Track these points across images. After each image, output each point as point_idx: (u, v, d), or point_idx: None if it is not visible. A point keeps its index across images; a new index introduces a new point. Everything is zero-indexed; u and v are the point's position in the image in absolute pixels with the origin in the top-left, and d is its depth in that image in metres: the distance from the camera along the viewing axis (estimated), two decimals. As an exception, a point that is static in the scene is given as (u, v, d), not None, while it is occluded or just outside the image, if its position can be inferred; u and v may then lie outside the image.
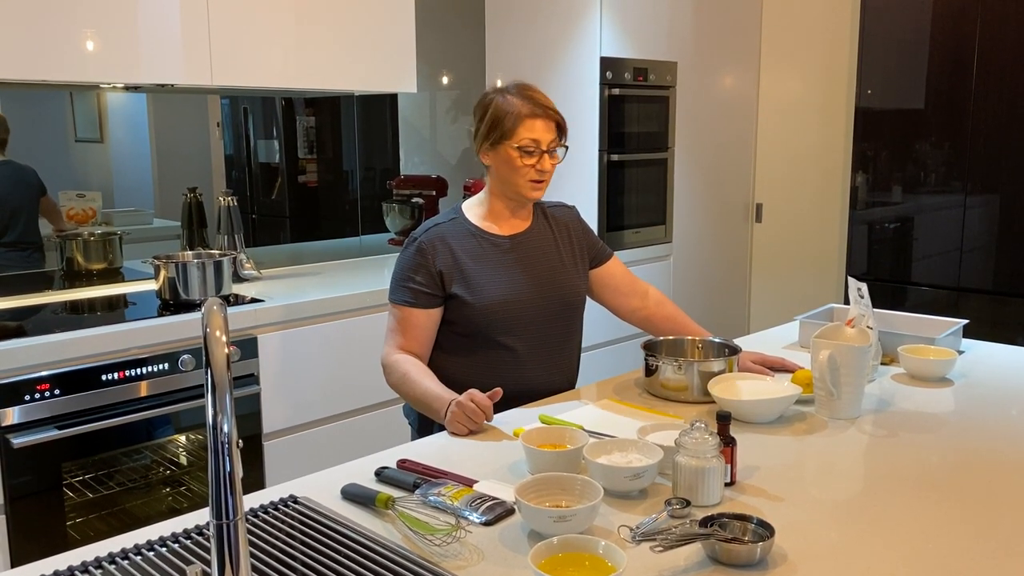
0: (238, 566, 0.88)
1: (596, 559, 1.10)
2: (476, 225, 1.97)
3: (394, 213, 3.70)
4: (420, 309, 1.91)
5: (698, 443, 1.33)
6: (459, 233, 1.95)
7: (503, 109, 1.90)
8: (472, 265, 1.92)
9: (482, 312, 1.89)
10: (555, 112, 1.92)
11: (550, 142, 1.91)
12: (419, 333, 1.92)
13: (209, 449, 0.87)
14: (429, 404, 1.79)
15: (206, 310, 0.90)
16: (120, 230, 2.95)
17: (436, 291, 1.91)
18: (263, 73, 2.75)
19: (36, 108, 2.75)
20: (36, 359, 2.11)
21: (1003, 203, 3.34)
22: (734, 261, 4.45)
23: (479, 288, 1.90)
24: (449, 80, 3.93)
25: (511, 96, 1.91)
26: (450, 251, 1.92)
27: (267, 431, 2.56)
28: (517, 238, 1.99)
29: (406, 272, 1.93)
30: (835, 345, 1.72)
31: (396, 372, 1.88)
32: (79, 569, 1.16)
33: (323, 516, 1.31)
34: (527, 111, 1.89)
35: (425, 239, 1.93)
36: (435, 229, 1.95)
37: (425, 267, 1.91)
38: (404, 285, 1.92)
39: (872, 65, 3.62)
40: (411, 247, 1.94)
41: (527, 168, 1.90)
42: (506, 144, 1.89)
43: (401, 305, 1.92)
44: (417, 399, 1.83)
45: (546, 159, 1.91)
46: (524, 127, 1.88)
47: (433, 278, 1.91)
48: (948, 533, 1.25)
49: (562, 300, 1.98)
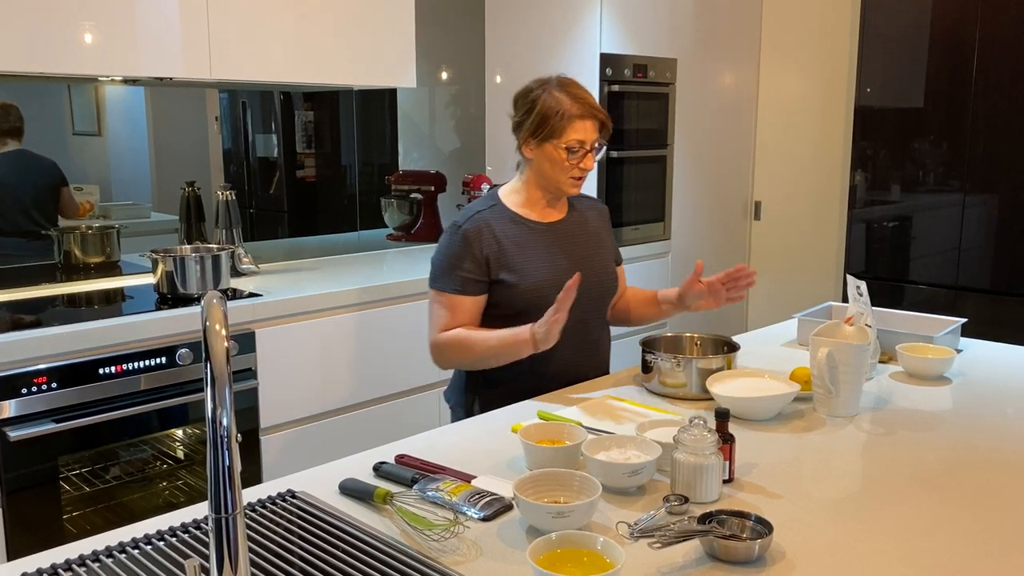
0: (237, 561, 0.88)
1: (594, 555, 1.10)
2: (515, 211, 2.00)
3: (392, 208, 3.69)
4: (468, 296, 1.93)
5: (697, 440, 1.33)
6: (500, 219, 1.98)
7: (552, 107, 1.91)
8: (515, 249, 1.95)
9: (526, 294, 1.92)
10: (601, 112, 1.96)
11: (594, 141, 1.94)
12: (466, 319, 1.94)
13: (208, 443, 0.87)
14: (509, 345, 1.83)
15: (206, 303, 0.90)
16: (118, 224, 2.94)
17: (483, 277, 1.93)
18: (262, 67, 2.74)
19: (34, 101, 2.74)
20: (33, 352, 2.11)
21: (1002, 202, 3.34)
22: (733, 258, 4.45)
23: (523, 271, 1.94)
24: (448, 75, 3.92)
25: (558, 93, 1.93)
26: (494, 237, 1.94)
27: (264, 425, 2.56)
28: (555, 225, 2.03)
29: (452, 260, 1.93)
30: (834, 343, 1.72)
31: (451, 345, 1.90)
32: (76, 563, 1.15)
33: (321, 511, 1.31)
34: (577, 112, 1.91)
35: (470, 226, 1.94)
36: (477, 216, 1.97)
37: (472, 254, 1.92)
38: (451, 273, 1.93)
39: (872, 63, 3.61)
40: (455, 235, 1.95)
41: (571, 166, 1.93)
42: (553, 142, 1.92)
43: (449, 293, 1.93)
44: (492, 350, 1.86)
45: (589, 157, 1.94)
46: (572, 128, 1.91)
47: (480, 264, 1.92)
48: (945, 530, 1.25)
49: (600, 285, 2.03)
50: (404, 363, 2.89)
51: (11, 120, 2.68)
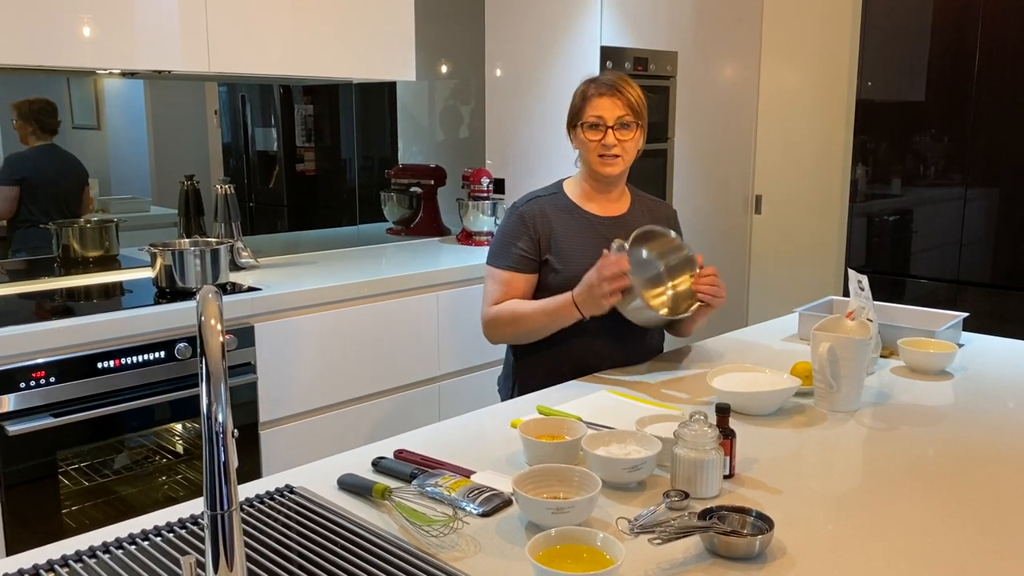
0: (232, 557, 0.87)
1: (594, 551, 1.10)
2: (574, 201, 2.10)
3: (392, 202, 3.68)
4: (521, 274, 2.04)
5: (697, 435, 1.33)
6: (557, 206, 2.09)
7: (578, 92, 2.06)
8: (563, 237, 2.05)
9: (569, 282, 1.97)
10: (623, 90, 2.01)
11: (617, 118, 2.00)
12: (518, 295, 2.05)
13: (204, 439, 0.86)
14: (556, 311, 1.94)
15: (201, 298, 0.89)
16: (117, 217, 2.93)
17: (535, 256, 2.05)
18: (261, 60, 2.73)
19: (33, 94, 2.73)
20: (32, 346, 2.10)
21: (1003, 196, 3.33)
22: (733, 252, 4.44)
23: (567, 259, 2.03)
24: (448, 68, 3.91)
25: (589, 81, 2.05)
26: (547, 221, 2.06)
27: (264, 420, 2.55)
28: (615, 219, 2.11)
29: (508, 239, 2.06)
30: (835, 337, 1.71)
31: (502, 316, 2.02)
32: (73, 558, 1.15)
33: (319, 506, 1.31)
34: (593, 90, 2.02)
35: (526, 209, 2.07)
36: (535, 201, 2.09)
37: (527, 234, 2.04)
38: (507, 251, 2.06)
39: (873, 56, 3.60)
40: (513, 216, 2.08)
41: (593, 143, 2.01)
42: (579, 125, 2.04)
43: (504, 269, 2.05)
44: (539, 317, 1.97)
45: (610, 134, 2.00)
46: (590, 105, 2.02)
47: (533, 243, 2.04)
48: (947, 526, 1.24)
49: None
50: (404, 357, 2.88)
51: (51, 116, 2.76)
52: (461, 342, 3.05)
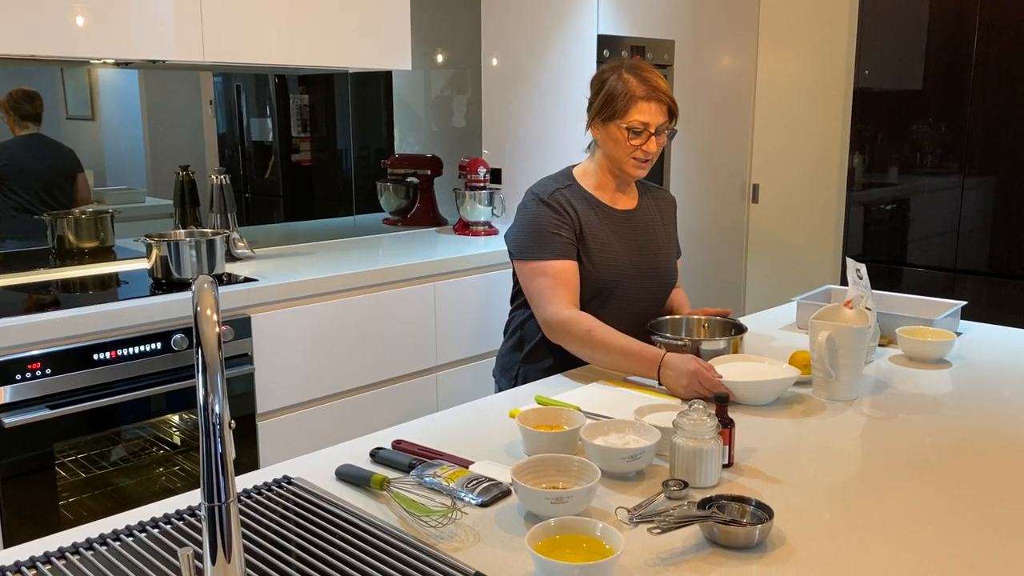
0: (230, 548, 0.87)
1: (593, 541, 1.09)
2: (591, 193, 2.04)
3: (388, 192, 3.67)
4: (571, 261, 1.96)
5: (696, 424, 1.32)
6: (579, 198, 2.02)
7: (618, 88, 1.94)
8: (591, 234, 1.99)
9: (598, 283, 1.95)
10: (668, 96, 1.97)
11: (659, 125, 1.95)
12: (573, 287, 1.95)
13: (200, 430, 0.86)
14: (637, 363, 1.78)
15: (196, 288, 0.88)
16: (112, 208, 2.92)
17: (576, 243, 1.98)
18: (255, 50, 2.71)
19: (27, 85, 2.72)
20: (28, 338, 2.09)
21: (1000, 185, 3.32)
22: (730, 242, 4.43)
23: (596, 257, 1.98)
24: (444, 58, 3.89)
25: (627, 75, 1.96)
26: (576, 212, 1.99)
27: (261, 411, 2.55)
28: (629, 214, 2.06)
29: (548, 229, 1.96)
30: (834, 326, 1.70)
31: (576, 331, 1.87)
32: (70, 551, 1.14)
33: (317, 497, 1.30)
34: (641, 93, 1.93)
35: (553, 199, 1.99)
36: (557, 192, 2.00)
37: (565, 222, 1.97)
38: (548, 241, 1.95)
39: (870, 45, 3.59)
40: (541, 207, 1.98)
41: (633, 148, 1.95)
42: (616, 123, 1.95)
43: (550, 260, 1.94)
44: (619, 356, 1.81)
45: (653, 141, 1.95)
46: (636, 109, 1.93)
47: (574, 229, 1.97)
48: (946, 514, 1.24)
49: (661, 279, 2.07)
50: (401, 348, 2.88)
51: (34, 106, 2.73)
52: (458, 332, 3.04)
